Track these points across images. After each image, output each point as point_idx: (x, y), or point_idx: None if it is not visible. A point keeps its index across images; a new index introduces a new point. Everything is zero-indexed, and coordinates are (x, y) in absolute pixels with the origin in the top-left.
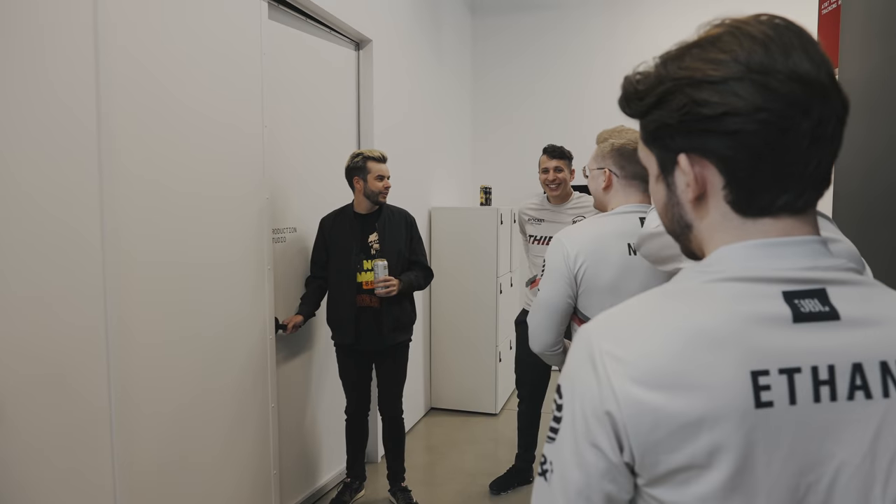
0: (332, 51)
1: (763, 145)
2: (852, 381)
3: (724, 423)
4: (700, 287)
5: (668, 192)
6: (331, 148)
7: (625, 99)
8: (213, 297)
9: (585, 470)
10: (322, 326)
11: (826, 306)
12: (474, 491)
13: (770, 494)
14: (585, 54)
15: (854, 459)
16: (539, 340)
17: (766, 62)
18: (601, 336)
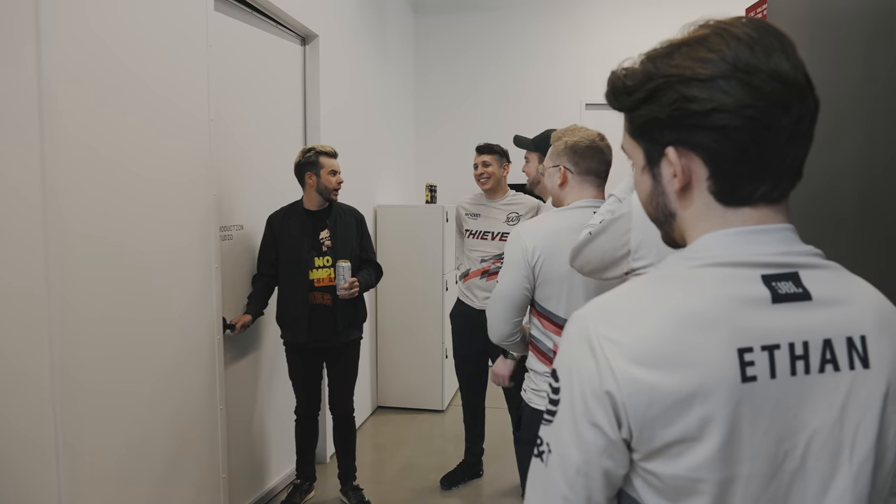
0: (278, 45)
1: (747, 140)
2: (823, 356)
3: (714, 397)
4: (687, 272)
5: (654, 183)
6: (277, 144)
7: (612, 93)
8: (158, 297)
9: (585, 448)
10: (271, 325)
11: (799, 288)
12: (425, 487)
13: (753, 461)
14: (526, 55)
15: (825, 427)
16: (497, 331)
17: (752, 62)
18: (597, 321)
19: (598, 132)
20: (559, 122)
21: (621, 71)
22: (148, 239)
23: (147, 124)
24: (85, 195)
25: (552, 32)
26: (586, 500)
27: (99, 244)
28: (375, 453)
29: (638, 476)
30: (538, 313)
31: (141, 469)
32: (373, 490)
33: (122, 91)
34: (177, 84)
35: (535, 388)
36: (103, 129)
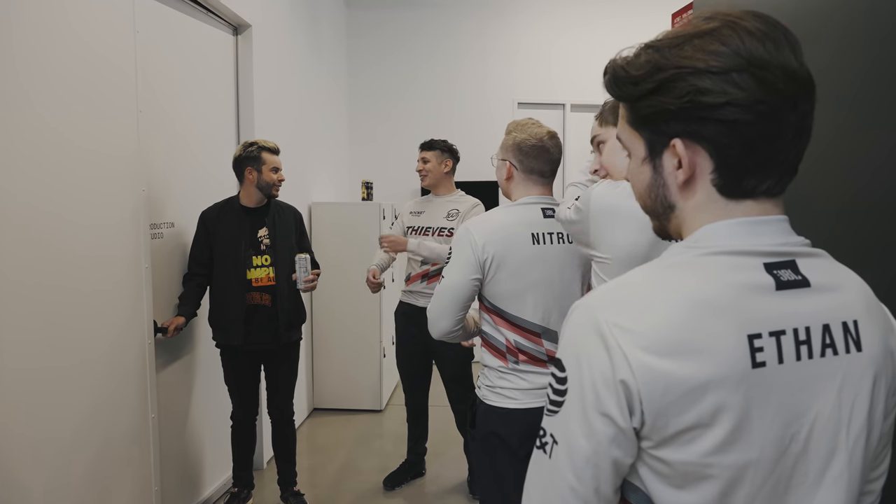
0: (209, 34)
1: (756, 135)
2: (823, 340)
3: (726, 384)
4: (694, 260)
5: (655, 174)
6: (208, 137)
7: (615, 83)
8: (86, 300)
9: (595, 438)
10: (204, 327)
11: (798, 275)
12: (368, 488)
13: (762, 447)
14: (459, 53)
15: (826, 409)
16: (439, 326)
17: (765, 56)
18: (606, 310)
19: (549, 130)
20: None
21: (622, 60)
22: (74, 238)
23: (70, 115)
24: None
25: (483, 31)
26: (594, 490)
27: (20, 245)
28: (314, 457)
29: (644, 464)
30: (488, 309)
31: (68, 483)
32: (314, 495)
33: (39, 77)
34: (102, 75)
35: (489, 384)
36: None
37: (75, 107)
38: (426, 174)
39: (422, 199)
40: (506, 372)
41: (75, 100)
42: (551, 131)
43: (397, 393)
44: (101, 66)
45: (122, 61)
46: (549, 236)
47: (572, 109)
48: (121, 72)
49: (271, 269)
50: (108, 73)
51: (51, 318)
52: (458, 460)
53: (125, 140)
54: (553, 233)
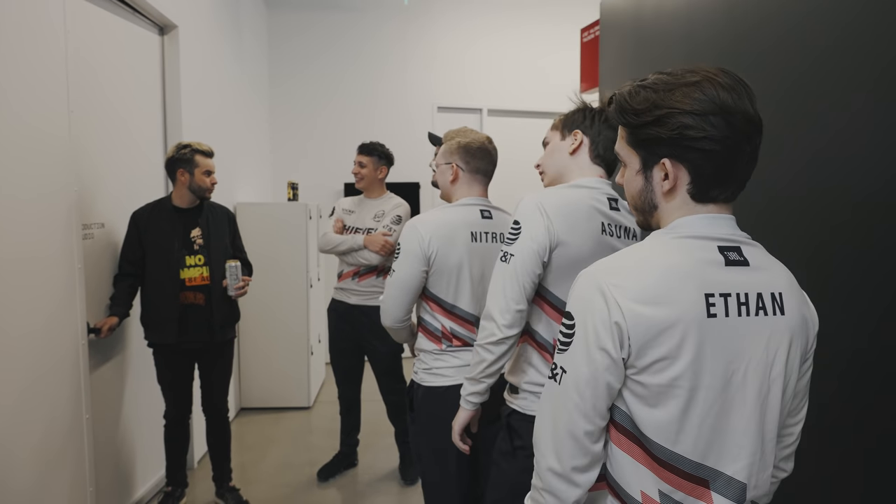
0: (135, 33)
1: (722, 160)
2: (757, 304)
3: (688, 325)
4: (670, 241)
5: (646, 183)
6: (136, 137)
7: (620, 111)
8: (18, 302)
9: (594, 366)
10: (136, 326)
11: (742, 257)
12: (302, 482)
13: (712, 376)
14: (381, 57)
15: (757, 354)
16: (391, 315)
17: (732, 105)
18: (606, 275)
19: (486, 135)
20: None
21: (626, 93)
22: (5, 239)
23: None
24: None
25: (404, 36)
26: (592, 406)
27: None
28: (246, 454)
29: (627, 388)
30: (427, 298)
31: (4, 485)
32: (249, 490)
33: None
34: (33, 72)
35: (426, 367)
36: None
37: (5, 107)
38: (361, 178)
39: (356, 199)
40: (440, 353)
41: (5, 100)
42: (488, 136)
43: (325, 390)
44: (33, 67)
45: (53, 62)
46: (486, 235)
47: (489, 114)
48: (52, 72)
49: (205, 268)
50: (40, 73)
51: None
52: (388, 450)
53: (57, 140)
54: (489, 232)
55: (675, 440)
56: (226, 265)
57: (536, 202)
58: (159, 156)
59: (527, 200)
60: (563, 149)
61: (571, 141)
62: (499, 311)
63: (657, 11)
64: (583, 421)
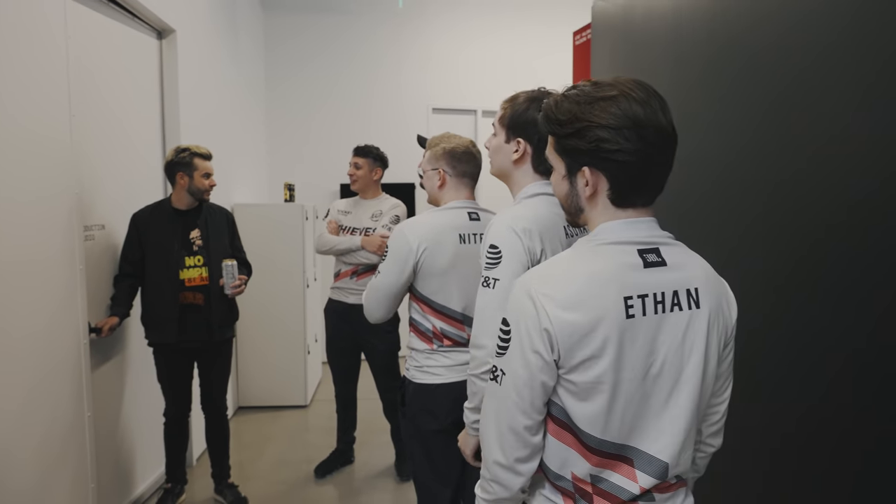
0: (134, 38)
1: (637, 170)
2: (672, 301)
3: (609, 328)
4: (593, 248)
5: (570, 187)
6: (135, 140)
7: (547, 121)
8: (21, 303)
9: (529, 368)
10: (137, 326)
11: (660, 258)
12: (299, 478)
13: (632, 369)
14: (375, 59)
15: (673, 346)
16: (375, 316)
17: (643, 119)
18: (536, 283)
19: (469, 139)
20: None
21: (553, 105)
22: (8, 241)
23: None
24: None
25: (398, 39)
26: (530, 404)
27: None
28: (244, 452)
29: (561, 385)
30: (418, 299)
31: (7, 481)
32: (247, 487)
33: None
34: (36, 78)
35: (417, 365)
36: None
37: (8, 112)
38: (356, 179)
39: (351, 200)
40: (432, 353)
41: (8, 105)
42: (472, 140)
43: (322, 388)
44: (35, 73)
45: (55, 68)
46: (474, 237)
47: (483, 115)
48: (53, 78)
49: (204, 269)
50: (42, 79)
51: None
52: (384, 447)
53: (58, 144)
54: (477, 234)
55: (604, 428)
56: (222, 264)
57: (508, 224)
58: (158, 158)
59: (498, 223)
60: (507, 153)
61: (515, 147)
62: (489, 337)
63: (646, 15)
64: (522, 417)
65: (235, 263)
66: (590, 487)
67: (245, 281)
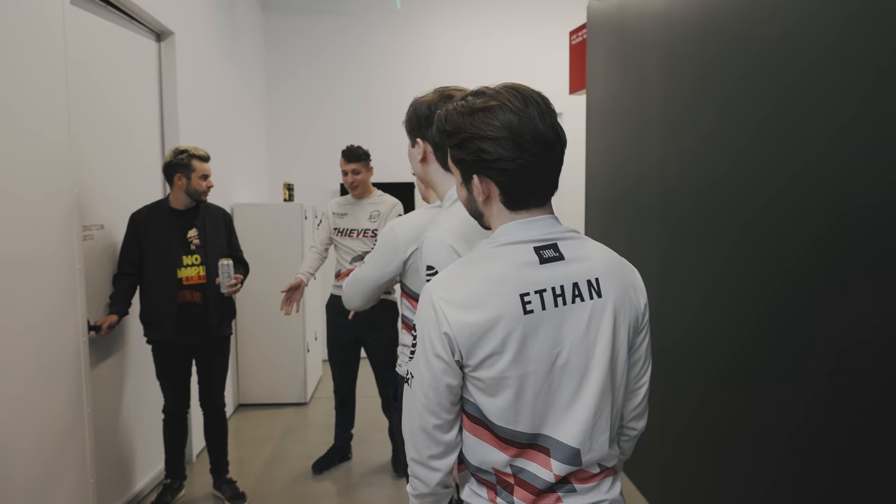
0: (133, 40)
1: (519, 176)
2: (573, 292)
3: (507, 325)
4: (490, 251)
5: (468, 194)
6: (134, 142)
7: (438, 133)
8: (21, 301)
9: (432, 371)
10: (135, 324)
11: (557, 252)
12: (297, 475)
13: (537, 362)
14: (374, 59)
15: (577, 335)
16: (352, 304)
17: (518, 128)
18: (437, 290)
19: None
20: None
21: (443, 115)
22: (8, 241)
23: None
24: None
25: (397, 38)
26: (437, 404)
27: None
28: (243, 448)
29: (469, 382)
30: (408, 296)
31: (9, 477)
32: (245, 483)
33: None
34: (35, 80)
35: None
36: None
37: (8, 114)
38: (357, 185)
39: (343, 200)
40: None
41: (8, 108)
42: None
43: (321, 386)
44: (34, 76)
45: (54, 70)
46: None
47: None
48: (53, 80)
49: (202, 267)
50: (41, 81)
51: None
52: (382, 444)
53: (58, 146)
54: None
55: (515, 420)
56: (218, 263)
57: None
58: (157, 159)
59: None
60: (415, 156)
61: (419, 150)
62: None
63: (639, 15)
64: (431, 417)
65: (231, 263)
66: (511, 478)
67: (241, 280)
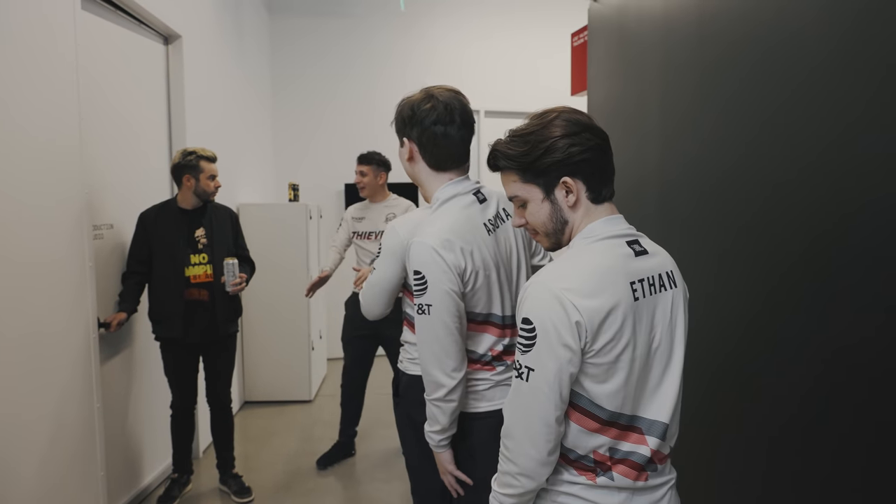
0: (141, 44)
1: (597, 164)
2: (660, 282)
3: (624, 310)
4: (589, 246)
5: (552, 206)
6: (142, 143)
7: (509, 158)
8: (34, 298)
9: (559, 361)
10: (144, 322)
11: (642, 247)
12: (302, 470)
13: (642, 346)
14: (378, 61)
15: (665, 321)
16: (372, 312)
17: (585, 122)
18: (554, 282)
19: None
20: None
21: (505, 144)
22: (22, 240)
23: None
24: None
25: (401, 40)
26: (559, 395)
27: None
28: (248, 445)
29: (582, 372)
30: (409, 293)
31: (20, 470)
32: (251, 478)
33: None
34: (48, 84)
35: (410, 357)
36: None
37: (22, 119)
38: (363, 186)
39: (361, 205)
40: None
41: (21, 111)
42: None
43: (326, 384)
44: (47, 80)
45: (66, 76)
46: None
47: (486, 115)
48: (63, 83)
49: (209, 266)
50: (53, 86)
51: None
52: (386, 441)
53: (69, 147)
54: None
55: (622, 404)
56: (223, 263)
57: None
58: (165, 159)
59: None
60: (403, 156)
61: (406, 149)
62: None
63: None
64: (554, 409)
65: (236, 262)
66: (608, 460)
67: (246, 279)
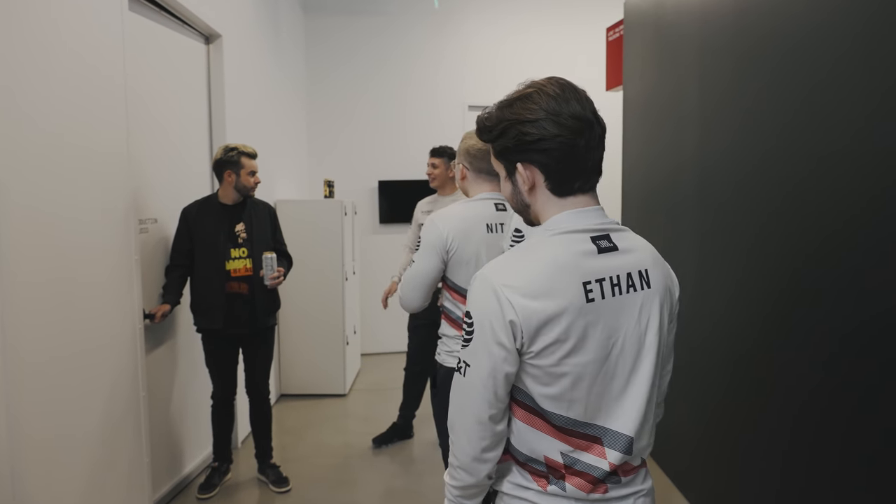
0: (184, 43)
1: (561, 155)
2: (627, 282)
3: (571, 313)
4: (548, 239)
5: (513, 187)
6: (184, 140)
7: (479, 131)
8: (85, 289)
9: (492, 359)
10: (186, 314)
11: (611, 243)
12: (338, 461)
13: (595, 351)
14: (411, 59)
15: (631, 325)
16: (410, 305)
17: (557, 109)
18: (497, 276)
19: None
20: (444, 123)
21: (484, 115)
22: (73, 235)
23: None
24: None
25: (433, 38)
26: (493, 393)
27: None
28: (285, 437)
29: (524, 371)
30: (449, 287)
31: (72, 455)
32: (288, 468)
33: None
34: (96, 84)
35: (448, 350)
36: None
37: (79, 124)
38: (434, 178)
39: (431, 198)
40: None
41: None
42: None
43: (360, 378)
44: (95, 79)
45: (113, 73)
46: (500, 226)
47: None
48: (112, 83)
49: (248, 260)
50: (101, 84)
51: (56, 312)
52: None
53: (117, 144)
54: (503, 223)
55: (568, 408)
56: (262, 257)
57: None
58: (206, 156)
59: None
60: None
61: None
62: None
63: (677, 10)
64: (487, 407)
65: (274, 256)
66: (562, 468)
67: (284, 273)
